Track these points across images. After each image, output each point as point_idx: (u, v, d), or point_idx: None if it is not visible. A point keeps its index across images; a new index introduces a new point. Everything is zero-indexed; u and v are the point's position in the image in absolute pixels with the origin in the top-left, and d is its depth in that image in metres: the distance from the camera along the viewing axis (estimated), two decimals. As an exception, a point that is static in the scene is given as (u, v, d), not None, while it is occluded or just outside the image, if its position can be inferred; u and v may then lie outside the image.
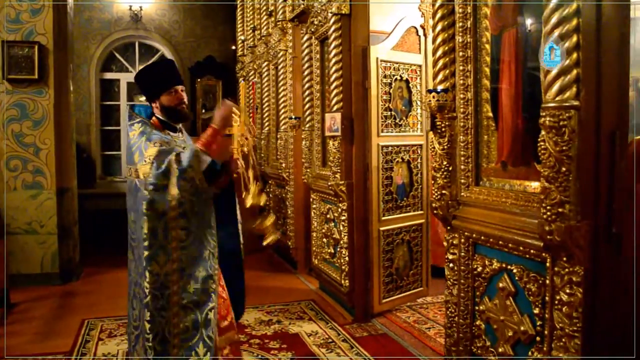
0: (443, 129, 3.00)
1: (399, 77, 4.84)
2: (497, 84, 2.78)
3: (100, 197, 8.95)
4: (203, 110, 9.94)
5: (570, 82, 2.14)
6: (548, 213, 2.23)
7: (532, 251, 2.46)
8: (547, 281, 2.36)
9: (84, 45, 9.32)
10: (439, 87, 2.97)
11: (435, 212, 3.10)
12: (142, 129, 2.69)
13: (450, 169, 3.01)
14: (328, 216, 5.17)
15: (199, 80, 9.94)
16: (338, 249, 4.94)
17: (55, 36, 5.99)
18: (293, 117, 6.15)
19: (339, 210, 4.79)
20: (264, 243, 2.83)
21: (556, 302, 2.31)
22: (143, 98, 10.19)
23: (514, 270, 2.60)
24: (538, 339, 2.48)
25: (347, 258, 4.72)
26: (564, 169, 2.17)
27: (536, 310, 2.47)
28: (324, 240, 5.29)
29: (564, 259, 2.25)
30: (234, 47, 9.42)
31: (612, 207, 2.26)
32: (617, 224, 2.27)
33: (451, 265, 3.03)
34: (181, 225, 2.56)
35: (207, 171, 2.57)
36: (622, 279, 2.36)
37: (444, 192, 3.02)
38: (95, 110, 9.57)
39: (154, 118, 2.82)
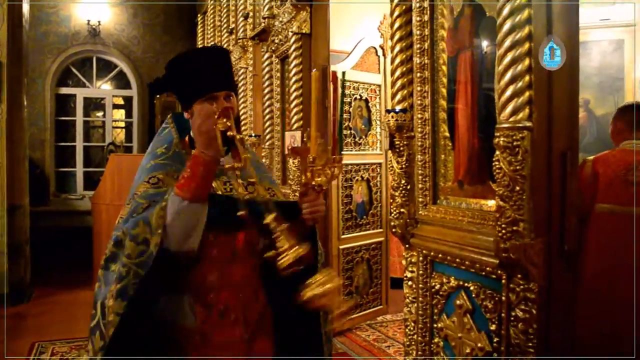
0: (401, 148, 3.04)
1: (358, 97, 4.90)
2: (454, 105, 2.84)
3: (54, 214, 8.72)
4: (162, 127, 9.80)
5: (523, 103, 2.21)
6: (503, 231, 2.27)
7: (488, 269, 2.50)
8: (503, 298, 2.40)
9: (39, 59, 9.12)
10: (397, 107, 3.01)
11: (394, 230, 3.12)
12: (155, 149, 1.98)
13: (409, 187, 3.04)
14: (288, 234, 5.14)
15: (158, 96, 9.83)
16: (298, 267, 4.91)
17: (10, 50, 5.85)
18: (253, 134, 6.14)
19: (299, 228, 4.77)
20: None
21: (512, 318, 2.35)
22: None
23: (471, 288, 2.64)
24: (495, 355, 2.51)
25: (307, 276, 4.70)
26: (517, 188, 2.22)
27: (493, 327, 2.51)
28: (284, 258, 5.25)
29: (519, 276, 2.30)
30: (194, 64, 9.35)
31: (564, 225, 2.32)
32: (569, 241, 2.33)
33: (410, 283, 3.05)
34: (115, 309, 1.72)
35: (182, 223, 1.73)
36: (574, 295, 2.42)
37: (402, 210, 3.05)
38: (50, 126, 9.35)
39: (188, 136, 2.02)
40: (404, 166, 3.04)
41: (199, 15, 8.65)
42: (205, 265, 1.89)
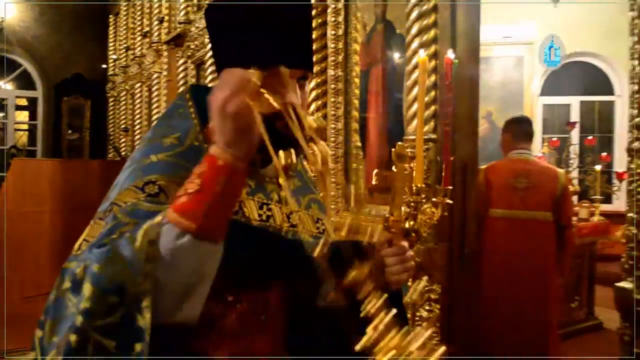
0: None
1: (274, 104, 4.97)
2: (366, 115, 2.97)
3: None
4: (69, 131, 9.43)
5: (429, 117, 2.36)
6: (410, 236, 2.41)
7: (396, 272, 2.62)
8: (409, 300, 2.54)
9: None
10: (312, 117, 3.10)
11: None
12: (161, 138, 1.16)
13: (322, 194, 3.13)
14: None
15: (65, 98, 9.44)
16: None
17: None
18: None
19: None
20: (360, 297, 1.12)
21: (417, 318, 2.49)
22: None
23: (380, 290, 2.76)
24: (402, 354, 2.64)
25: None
26: (423, 195, 2.36)
27: (400, 328, 2.64)
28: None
29: (424, 278, 2.44)
30: (104, 66, 9.08)
31: (464, 230, 2.49)
32: (469, 245, 2.50)
33: (323, 287, 3.14)
34: None
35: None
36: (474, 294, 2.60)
37: (316, 216, 3.14)
38: (-55, 127, 8.75)
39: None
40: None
41: (110, 16, 8.41)
42: (213, 336, 1.12)
